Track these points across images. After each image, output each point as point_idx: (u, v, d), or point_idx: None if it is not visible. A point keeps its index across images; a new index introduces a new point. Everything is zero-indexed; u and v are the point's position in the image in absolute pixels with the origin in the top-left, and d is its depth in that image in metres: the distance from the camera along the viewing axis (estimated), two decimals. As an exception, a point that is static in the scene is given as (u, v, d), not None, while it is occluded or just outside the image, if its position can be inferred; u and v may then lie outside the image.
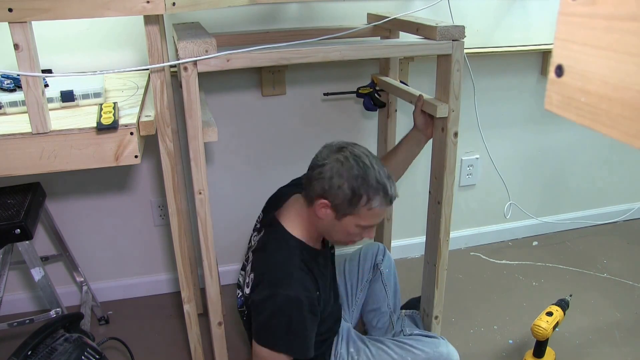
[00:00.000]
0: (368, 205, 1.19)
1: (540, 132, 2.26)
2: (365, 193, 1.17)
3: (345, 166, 1.18)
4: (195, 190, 1.23)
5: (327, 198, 1.19)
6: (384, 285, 1.67)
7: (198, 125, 1.18)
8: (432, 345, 1.43)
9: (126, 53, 1.67)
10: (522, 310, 1.92)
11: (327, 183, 1.18)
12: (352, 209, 1.19)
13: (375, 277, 1.68)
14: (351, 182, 1.17)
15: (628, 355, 1.69)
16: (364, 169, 1.18)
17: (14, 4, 0.93)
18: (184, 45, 1.11)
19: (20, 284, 1.91)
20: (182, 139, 1.74)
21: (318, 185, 1.19)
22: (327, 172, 1.18)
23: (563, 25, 0.43)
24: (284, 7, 1.76)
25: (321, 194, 1.19)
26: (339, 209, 1.19)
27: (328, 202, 1.19)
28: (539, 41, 2.01)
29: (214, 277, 1.32)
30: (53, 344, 1.22)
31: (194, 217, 1.85)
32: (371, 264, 1.70)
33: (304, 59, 1.23)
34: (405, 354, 1.41)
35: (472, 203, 2.30)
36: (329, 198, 1.19)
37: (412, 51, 1.47)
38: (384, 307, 1.66)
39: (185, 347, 1.69)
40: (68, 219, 1.85)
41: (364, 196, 1.18)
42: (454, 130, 1.42)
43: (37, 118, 1.04)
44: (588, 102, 0.41)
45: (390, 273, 1.69)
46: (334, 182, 1.17)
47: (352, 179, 1.17)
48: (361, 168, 1.18)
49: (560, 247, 2.35)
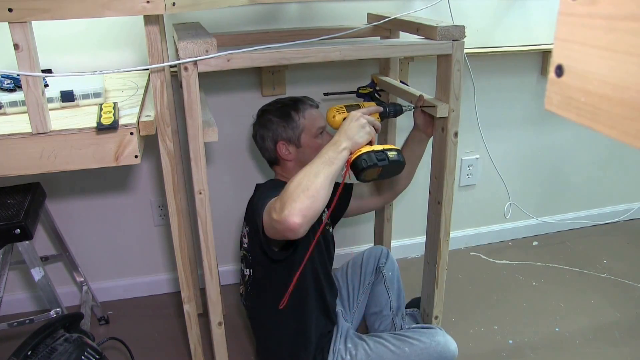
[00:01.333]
0: (301, 115, 1.41)
1: (540, 132, 2.26)
2: (290, 109, 1.41)
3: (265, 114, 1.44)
4: (195, 190, 1.23)
5: (277, 140, 1.41)
6: (386, 288, 1.67)
7: (198, 125, 1.18)
8: (429, 335, 1.44)
9: (126, 53, 1.67)
10: (522, 310, 1.92)
11: (267, 133, 1.42)
12: (297, 128, 1.40)
13: (378, 279, 1.69)
14: (276, 114, 1.42)
15: (628, 355, 1.69)
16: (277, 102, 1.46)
17: (14, 4, 0.93)
18: (185, 45, 1.11)
19: (20, 284, 1.91)
20: (182, 139, 1.74)
21: (267, 142, 1.43)
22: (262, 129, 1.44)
23: (563, 25, 0.43)
24: (284, 7, 1.76)
25: (273, 143, 1.42)
26: (290, 137, 1.40)
27: (281, 140, 1.41)
28: (539, 41, 2.01)
29: (214, 277, 1.32)
30: (53, 344, 1.22)
31: (194, 217, 1.85)
32: (373, 267, 1.70)
33: (304, 59, 1.23)
34: (403, 344, 1.42)
35: (472, 203, 2.30)
36: (277, 139, 1.41)
37: (412, 51, 1.47)
38: (386, 310, 1.66)
39: (185, 347, 1.69)
40: (68, 219, 1.85)
41: (291, 112, 1.41)
42: (454, 130, 1.42)
43: (37, 118, 1.04)
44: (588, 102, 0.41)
45: (394, 276, 1.70)
46: (269, 127, 1.42)
47: (275, 112, 1.42)
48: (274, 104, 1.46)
49: (560, 247, 2.34)
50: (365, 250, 1.76)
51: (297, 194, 1.05)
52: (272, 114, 1.43)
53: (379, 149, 1.19)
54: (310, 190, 1.05)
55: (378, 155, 1.17)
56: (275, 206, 1.08)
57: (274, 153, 1.43)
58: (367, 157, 1.16)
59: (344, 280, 1.73)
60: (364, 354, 1.42)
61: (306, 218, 1.04)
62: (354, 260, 1.75)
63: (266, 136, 1.42)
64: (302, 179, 1.07)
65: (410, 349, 1.41)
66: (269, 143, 1.42)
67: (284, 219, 1.03)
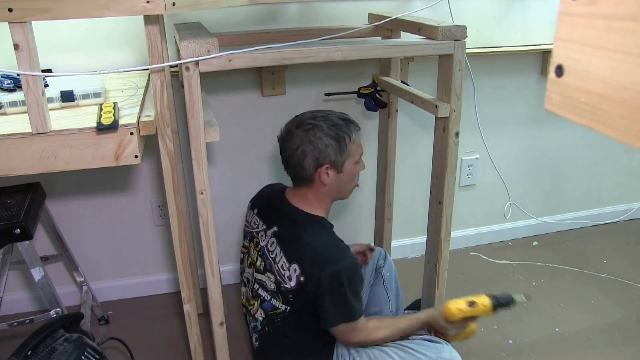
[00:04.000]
0: (351, 140, 1.32)
1: (540, 132, 2.26)
2: (343, 133, 1.30)
3: (315, 130, 1.29)
4: (197, 190, 1.23)
5: (324, 162, 1.29)
6: (386, 288, 1.67)
7: (200, 125, 1.18)
8: (435, 350, 1.39)
9: (126, 53, 1.67)
10: (522, 310, 1.92)
11: (315, 152, 1.29)
12: (344, 153, 1.31)
13: (377, 280, 1.68)
14: (330, 135, 1.29)
15: (628, 355, 1.69)
16: (327, 118, 1.31)
17: (14, 4, 0.93)
18: (186, 45, 1.11)
19: (20, 284, 1.91)
20: (182, 139, 1.74)
21: (310, 160, 1.30)
22: (308, 145, 1.29)
23: (563, 25, 0.43)
24: (284, 7, 1.76)
25: (318, 163, 1.30)
26: (336, 163, 1.31)
27: (327, 164, 1.30)
28: (539, 41, 2.01)
29: (215, 277, 1.32)
30: (53, 344, 1.22)
31: (194, 217, 1.86)
32: (372, 268, 1.70)
33: (306, 59, 1.23)
34: (408, 357, 1.38)
35: (472, 203, 2.30)
36: (325, 161, 1.29)
37: (414, 51, 1.47)
38: (386, 310, 1.66)
39: (185, 347, 1.69)
40: (68, 219, 1.85)
41: (345, 136, 1.31)
42: (455, 130, 1.42)
43: (37, 118, 1.04)
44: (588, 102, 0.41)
45: (392, 277, 1.69)
46: (319, 146, 1.28)
47: (328, 131, 1.29)
48: (325, 120, 1.31)
49: (560, 247, 2.34)
50: None
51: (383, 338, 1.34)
52: (325, 132, 1.29)
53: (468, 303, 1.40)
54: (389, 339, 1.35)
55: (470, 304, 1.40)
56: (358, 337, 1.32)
57: (311, 174, 1.31)
58: None
59: None
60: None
61: None
62: None
63: (309, 154, 1.28)
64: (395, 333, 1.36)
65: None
66: (310, 162, 1.29)
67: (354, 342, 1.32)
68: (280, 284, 1.32)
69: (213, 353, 1.49)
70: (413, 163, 2.13)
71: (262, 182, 1.96)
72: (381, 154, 1.92)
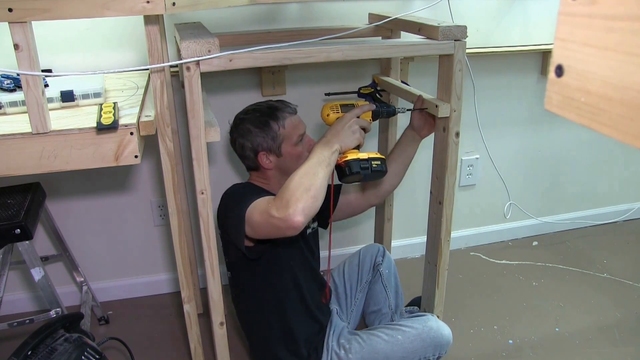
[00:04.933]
0: (281, 125, 1.37)
1: (540, 132, 2.26)
2: (270, 120, 1.37)
3: (244, 123, 1.40)
4: (197, 190, 1.23)
5: (259, 150, 1.38)
6: (384, 286, 1.67)
7: (200, 125, 1.18)
8: (421, 321, 1.45)
9: (126, 53, 1.67)
10: (522, 310, 1.92)
11: (248, 142, 1.39)
12: (277, 138, 1.37)
13: (375, 278, 1.68)
14: (256, 124, 1.38)
15: (628, 355, 1.69)
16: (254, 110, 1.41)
17: (14, 4, 0.93)
18: (187, 45, 1.11)
19: (20, 284, 1.91)
20: (182, 139, 1.74)
21: (247, 150, 1.40)
22: (240, 138, 1.40)
23: (563, 25, 0.43)
24: (284, 7, 1.76)
25: (253, 153, 1.39)
26: (271, 147, 1.38)
27: (262, 151, 1.38)
28: (539, 41, 2.01)
29: (215, 277, 1.32)
30: (53, 344, 1.22)
31: (194, 217, 1.85)
32: (370, 265, 1.70)
33: (306, 59, 1.23)
34: (395, 333, 1.43)
35: (472, 203, 2.30)
36: (259, 148, 1.38)
37: (414, 51, 1.47)
38: (385, 308, 1.66)
39: (185, 347, 1.69)
40: (68, 219, 1.85)
41: (272, 123, 1.37)
42: (455, 130, 1.42)
43: (37, 118, 1.04)
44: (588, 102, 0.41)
45: (391, 274, 1.69)
46: (250, 136, 1.38)
47: (255, 122, 1.38)
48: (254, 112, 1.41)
49: (560, 247, 2.34)
50: (361, 249, 1.76)
51: (299, 193, 1.10)
52: (251, 123, 1.39)
53: (364, 157, 1.27)
54: (312, 190, 1.11)
55: (362, 164, 1.26)
56: (275, 205, 1.12)
57: (255, 162, 1.41)
58: (351, 164, 1.25)
59: (340, 280, 1.73)
60: (357, 347, 1.42)
61: (307, 217, 1.10)
62: (351, 259, 1.75)
63: (245, 146, 1.39)
64: (302, 179, 1.12)
65: (403, 336, 1.41)
66: (249, 152, 1.40)
67: (288, 218, 1.08)
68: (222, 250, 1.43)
69: (213, 353, 1.49)
70: (413, 163, 2.12)
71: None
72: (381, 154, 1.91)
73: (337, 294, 1.72)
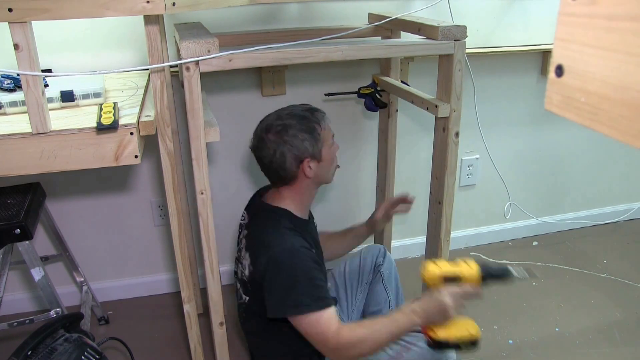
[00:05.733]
0: (322, 127, 1.32)
1: (540, 132, 2.26)
2: (313, 123, 1.31)
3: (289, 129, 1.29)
4: (197, 191, 1.23)
5: (304, 157, 1.30)
6: (385, 287, 1.66)
7: (200, 125, 1.18)
8: None
9: (126, 53, 1.67)
10: (522, 310, 1.92)
11: (294, 150, 1.29)
12: (319, 142, 1.31)
13: (376, 278, 1.67)
14: (301, 129, 1.29)
15: (628, 355, 1.69)
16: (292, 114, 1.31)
17: (14, 4, 0.93)
18: (187, 45, 1.11)
19: (20, 284, 1.91)
20: (182, 139, 1.74)
21: (291, 159, 1.29)
22: (283, 146, 1.29)
23: (563, 25, 0.43)
24: (284, 7, 1.76)
25: (299, 160, 1.30)
26: (314, 152, 1.30)
27: (307, 158, 1.30)
28: (539, 41, 2.01)
29: (215, 277, 1.32)
30: (53, 344, 1.22)
31: (194, 217, 1.85)
32: (371, 266, 1.69)
33: (306, 59, 1.23)
34: (401, 349, 1.40)
35: (472, 203, 2.30)
36: (304, 155, 1.29)
37: (414, 51, 1.47)
38: (386, 308, 1.65)
39: (185, 347, 1.69)
40: (68, 219, 1.85)
41: (315, 126, 1.31)
42: (455, 130, 1.42)
43: (37, 118, 1.04)
44: (588, 102, 0.41)
45: (391, 274, 1.69)
46: (295, 143, 1.28)
47: (299, 126, 1.29)
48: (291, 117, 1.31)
49: (560, 247, 2.34)
50: (362, 249, 1.75)
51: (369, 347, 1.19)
52: (296, 128, 1.28)
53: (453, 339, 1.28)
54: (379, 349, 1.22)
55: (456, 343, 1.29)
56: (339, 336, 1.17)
57: (294, 173, 1.31)
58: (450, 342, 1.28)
59: (341, 280, 1.72)
60: None
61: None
62: (352, 260, 1.75)
63: (289, 154, 1.28)
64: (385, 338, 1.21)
65: (408, 354, 1.39)
66: (292, 161, 1.29)
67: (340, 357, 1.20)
68: (243, 273, 1.37)
69: (213, 353, 1.49)
70: (413, 163, 2.13)
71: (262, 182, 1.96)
72: (381, 154, 1.92)
73: (338, 294, 1.71)
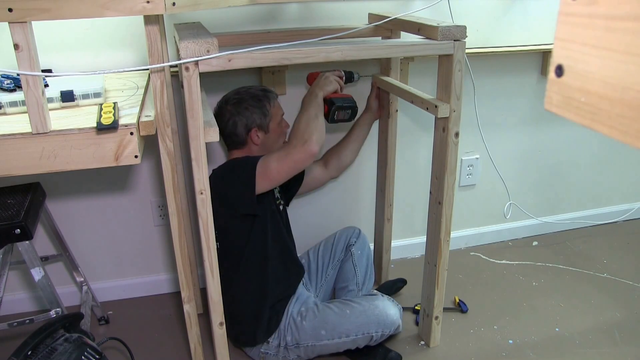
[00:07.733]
0: (272, 105, 1.59)
1: (540, 132, 2.26)
2: (264, 99, 1.58)
3: (242, 102, 1.56)
4: (196, 190, 1.23)
5: (252, 126, 1.57)
6: (354, 265, 1.78)
7: (200, 125, 1.18)
8: (369, 300, 1.59)
9: (126, 53, 1.67)
10: (522, 310, 1.92)
11: (243, 119, 1.56)
12: (267, 116, 1.58)
13: (347, 257, 1.81)
14: (253, 104, 1.56)
15: (628, 355, 1.69)
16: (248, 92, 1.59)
17: (14, 4, 0.93)
18: (186, 45, 1.11)
19: (20, 284, 1.91)
20: (182, 139, 1.74)
21: (240, 127, 1.56)
22: (237, 116, 1.56)
23: (563, 25, 0.43)
24: (284, 7, 1.76)
25: (248, 128, 1.57)
26: (262, 124, 1.58)
27: (255, 128, 1.57)
28: (539, 41, 2.01)
29: (215, 277, 1.32)
30: (53, 344, 1.22)
31: (194, 217, 1.85)
32: (344, 245, 1.83)
33: (305, 59, 1.23)
34: (345, 307, 1.57)
35: (472, 203, 2.30)
36: (252, 125, 1.57)
37: (413, 51, 1.47)
38: (352, 285, 1.77)
39: (185, 347, 1.69)
40: (68, 219, 1.85)
41: (265, 103, 1.58)
42: (455, 131, 1.42)
43: (37, 118, 1.04)
44: (588, 102, 0.41)
45: (363, 255, 1.81)
46: (245, 114, 1.56)
47: (251, 101, 1.56)
48: (247, 93, 1.58)
49: (560, 247, 2.34)
50: (338, 230, 1.89)
51: (310, 130, 1.39)
52: (248, 102, 1.56)
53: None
54: (319, 126, 1.41)
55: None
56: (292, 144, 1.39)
57: (244, 138, 1.58)
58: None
59: (314, 257, 1.86)
60: (311, 315, 1.56)
61: (320, 146, 1.39)
62: (327, 239, 1.89)
63: (240, 122, 1.56)
64: (308, 121, 1.42)
65: (351, 311, 1.55)
66: (241, 129, 1.56)
67: (308, 148, 1.37)
68: None
69: (213, 353, 1.49)
70: (413, 163, 2.13)
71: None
72: (381, 154, 1.92)
73: (309, 269, 1.85)
